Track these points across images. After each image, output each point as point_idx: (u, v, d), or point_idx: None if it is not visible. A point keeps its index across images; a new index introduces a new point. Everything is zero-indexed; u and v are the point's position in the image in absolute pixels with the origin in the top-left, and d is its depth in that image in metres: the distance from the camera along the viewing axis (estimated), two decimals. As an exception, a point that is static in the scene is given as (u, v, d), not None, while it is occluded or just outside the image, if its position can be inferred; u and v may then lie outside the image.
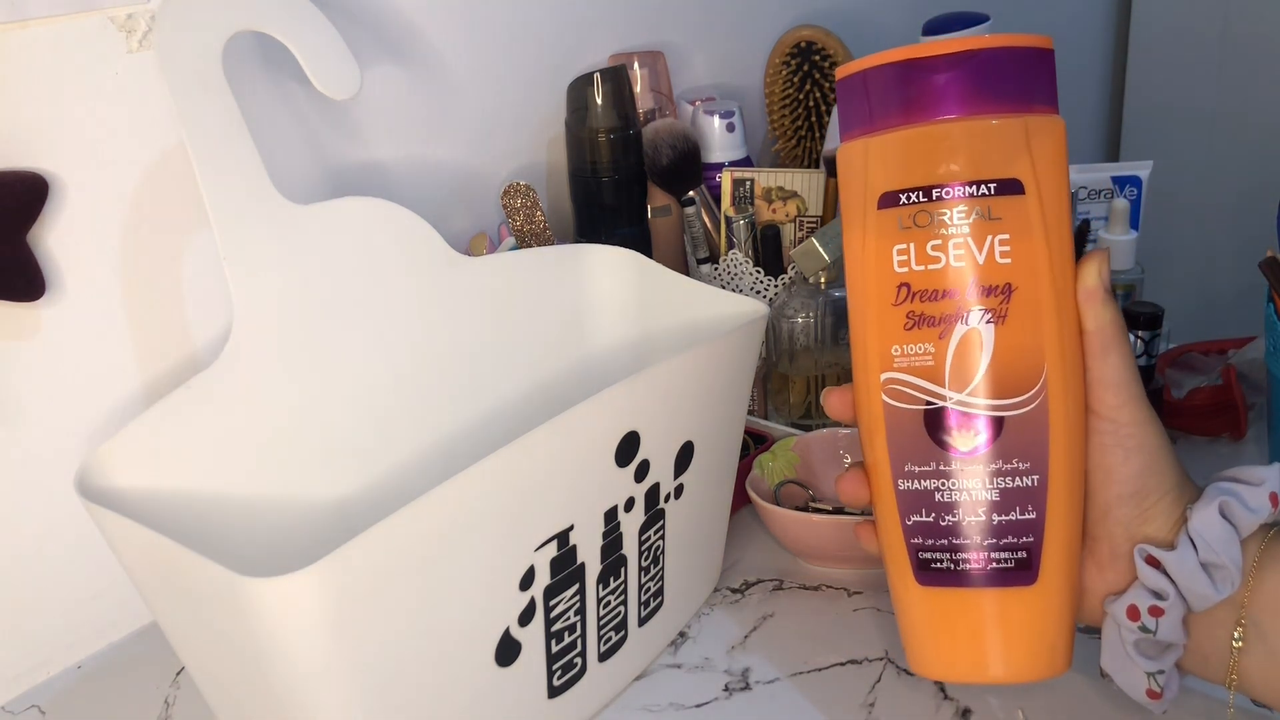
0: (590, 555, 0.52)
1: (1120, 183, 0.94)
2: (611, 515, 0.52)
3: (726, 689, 0.59)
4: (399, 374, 0.64)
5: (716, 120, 0.94)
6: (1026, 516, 0.43)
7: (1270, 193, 1.57)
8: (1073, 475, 0.44)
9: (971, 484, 0.43)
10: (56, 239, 0.60)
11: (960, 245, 0.44)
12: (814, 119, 1.02)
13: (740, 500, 0.68)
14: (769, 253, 0.85)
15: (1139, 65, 1.72)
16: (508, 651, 0.49)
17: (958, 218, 0.44)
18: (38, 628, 0.64)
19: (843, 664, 0.60)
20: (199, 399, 0.54)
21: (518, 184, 0.79)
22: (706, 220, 0.89)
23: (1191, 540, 0.43)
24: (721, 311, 0.63)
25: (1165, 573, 0.44)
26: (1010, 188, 0.44)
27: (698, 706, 0.58)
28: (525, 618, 0.49)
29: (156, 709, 0.61)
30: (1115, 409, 0.43)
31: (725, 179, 0.87)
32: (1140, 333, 0.78)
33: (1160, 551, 0.44)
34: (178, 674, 0.63)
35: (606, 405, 0.49)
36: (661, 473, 0.55)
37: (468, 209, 0.85)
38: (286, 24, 0.55)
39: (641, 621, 0.58)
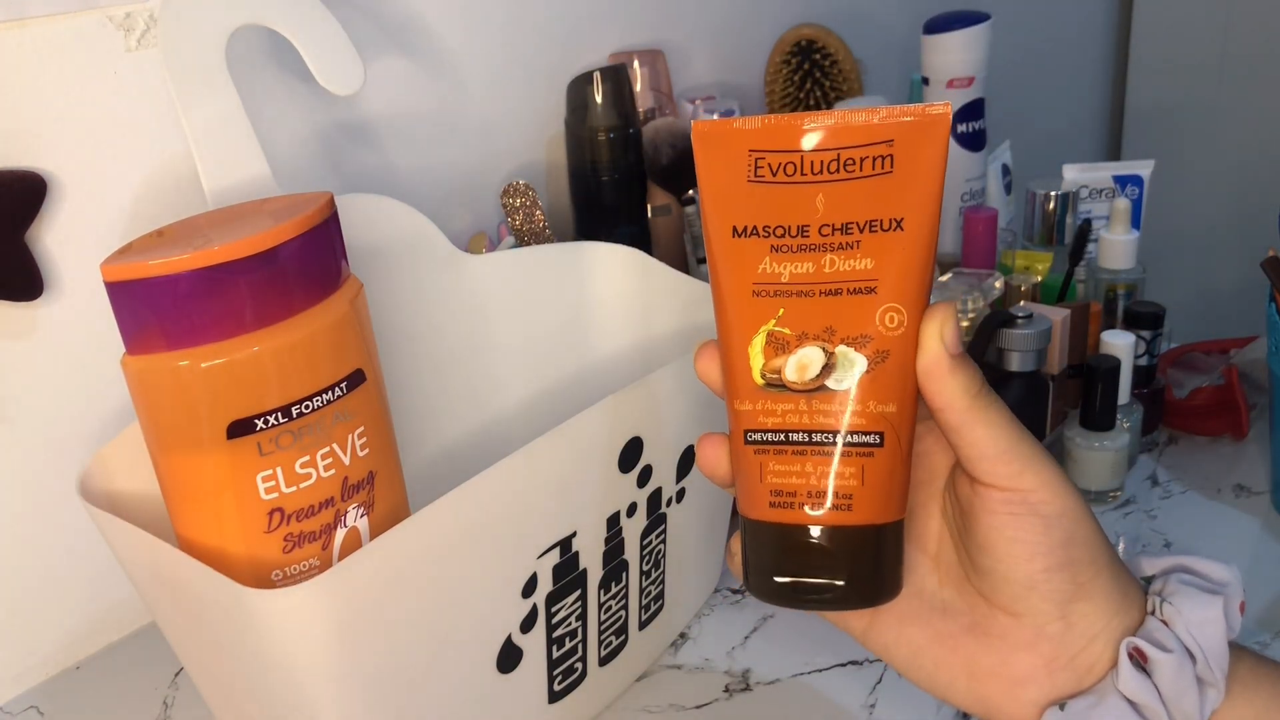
0: (592, 561, 0.52)
1: (1122, 182, 0.94)
2: (614, 521, 0.52)
3: (727, 690, 0.59)
4: (401, 373, 0.64)
5: (717, 119, 0.94)
6: None
7: (1272, 192, 1.57)
8: None
9: None
10: (55, 238, 0.60)
11: (328, 454, 0.43)
12: (815, 117, 1.02)
13: (741, 501, 0.68)
14: (770, 252, 0.85)
15: (1140, 64, 1.71)
16: (509, 658, 0.49)
17: (320, 428, 0.43)
18: (36, 628, 0.63)
19: (843, 665, 0.60)
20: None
21: (517, 183, 0.79)
22: (707, 219, 0.89)
23: (1187, 648, 0.37)
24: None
25: (1149, 677, 0.36)
26: (356, 380, 0.44)
27: (698, 708, 0.58)
28: (527, 625, 0.49)
29: (155, 710, 0.61)
30: (1013, 477, 0.36)
31: (726, 178, 0.87)
32: (1142, 332, 0.78)
33: (1153, 649, 0.36)
34: (176, 675, 0.63)
35: (610, 412, 0.49)
36: (664, 477, 0.55)
37: (467, 208, 0.84)
38: (290, 19, 0.55)
39: (642, 625, 0.58)
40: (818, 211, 0.35)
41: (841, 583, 0.35)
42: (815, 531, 0.35)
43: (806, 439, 0.35)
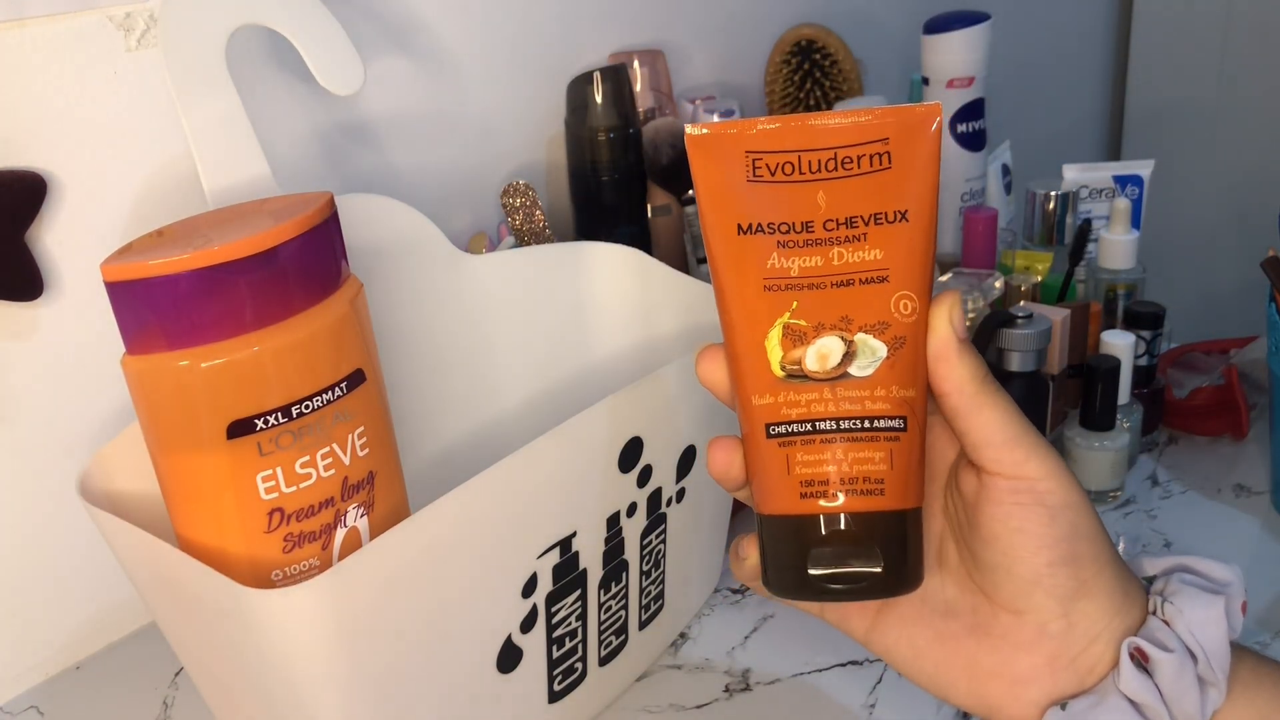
0: (592, 561, 0.52)
1: (1122, 182, 0.94)
2: (614, 521, 0.52)
3: (727, 690, 0.59)
4: (401, 374, 0.64)
5: (717, 119, 0.94)
6: None
7: (1272, 192, 1.57)
8: None
9: None
10: (55, 238, 0.60)
11: (328, 454, 0.43)
12: (815, 117, 1.02)
13: (741, 501, 0.68)
14: (770, 252, 0.85)
15: (1140, 64, 1.71)
16: (509, 658, 0.49)
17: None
18: (37, 628, 0.63)
19: (843, 665, 0.60)
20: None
21: (517, 183, 0.79)
22: (707, 219, 0.89)
23: (1188, 648, 0.37)
24: (723, 313, 0.63)
25: (1150, 677, 0.36)
26: (356, 380, 0.44)
27: (698, 708, 0.58)
28: (527, 625, 0.49)
29: (155, 710, 0.61)
30: (1018, 464, 0.36)
31: (726, 178, 0.87)
32: (1142, 332, 0.78)
33: (1155, 649, 0.36)
34: (176, 674, 0.63)
35: (610, 412, 0.49)
36: (664, 477, 0.55)
37: (467, 208, 0.84)
38: (290, 19, 0.55)
39: (642, 625, 0.58)
40: (820, 208, 0.36)
41: (878, 570, 0.35)
42: (850, 519, 0.35)
43: (835, 426, 0.35)
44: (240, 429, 0.41)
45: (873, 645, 0.41)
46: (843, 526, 0.35)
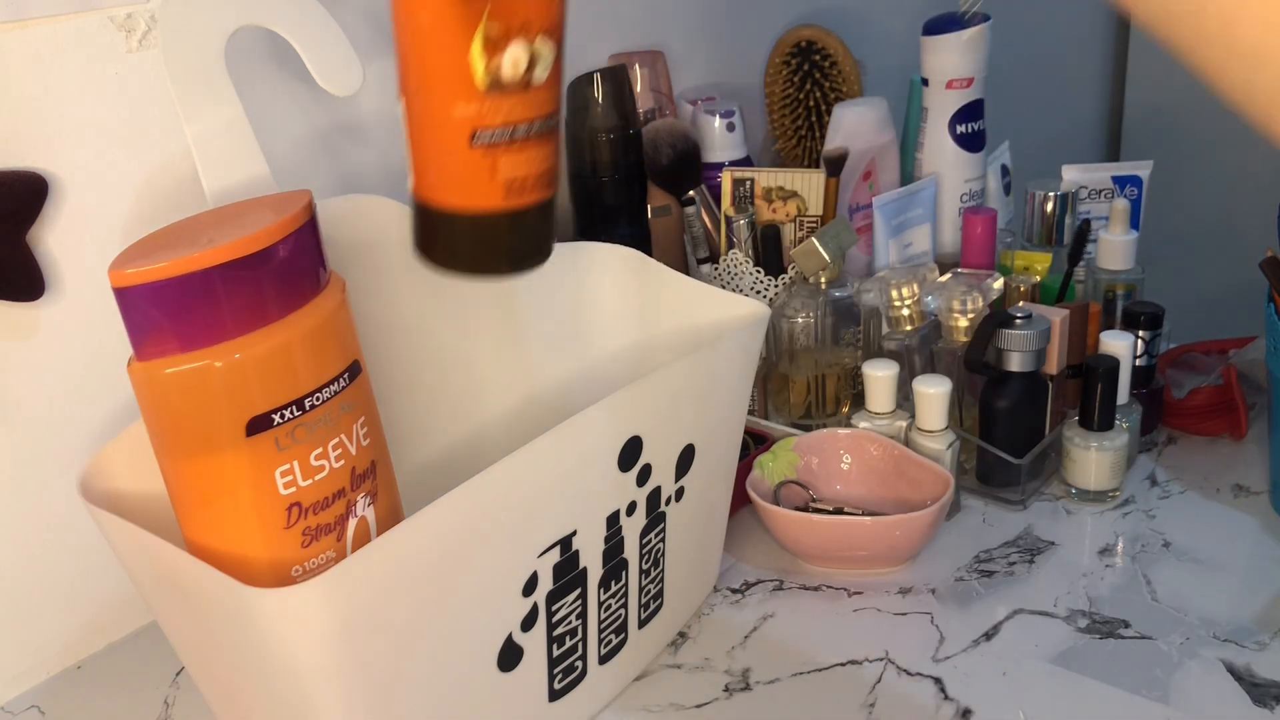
0: (592, 560, 0.52)
1: (1121, 182, 0.94)
2: (613, 520, 0.52)
3: (726, 689, 0.59)
4: (399, 374, 0.64)
5: (716, 120, 0.94)
6: None
7: (1271, 192, 1.57)
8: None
9: None
10: (56, 239, 0.60)
11: (338, 445, 0.44)
12: (814, 119, 1.02)
13: (740, 500, 0.68)
14: (769, 253, 0.85)
15: (1139, 64, 1.71)
16: (510, 657, 0.49)
17: (330, 419, 0.43)
18: (37, 628, 0.64)
19: (843, 664, 0.60)
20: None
21: (518, 183, 0.79)
22: (706, 220, 0.89)
23: None
24: (723, 313, 0.63)
25: None
26: (355, 370, 0.45)
27: (698, 707, 0.58)
28: (527, 623, 0.49)
29: (156, 709, 0.61)
30: None
31: (725, 179, 0.87)
32: (1141, 333, 0.78)
33: None
34: (177, 674, 0.63)
35: (609, 411, 0.49)
36: (663, 476, 0.55)
37: (468, 208, 0.84)
38: (289, 20, 0.55)
39: (641, 623, 0.59)
40: None
41: (550, 245, 0.42)
42: (540, 209, 0.41)
43: (527, 130, 0.39)
44: (259, 425, 0.41)
45: None
46: (531, 219, 0.41)
